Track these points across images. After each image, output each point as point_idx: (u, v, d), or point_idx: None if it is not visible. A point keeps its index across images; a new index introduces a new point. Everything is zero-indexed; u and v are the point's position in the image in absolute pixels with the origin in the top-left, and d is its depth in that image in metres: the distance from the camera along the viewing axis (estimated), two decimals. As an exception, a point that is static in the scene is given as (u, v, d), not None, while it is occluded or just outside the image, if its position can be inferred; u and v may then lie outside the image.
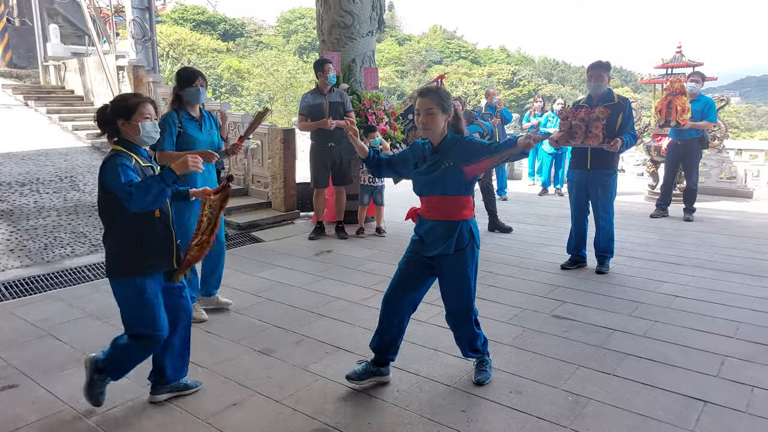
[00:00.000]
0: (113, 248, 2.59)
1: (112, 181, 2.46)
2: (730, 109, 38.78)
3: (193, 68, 3.94)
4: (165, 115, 3.76)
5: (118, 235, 2.57)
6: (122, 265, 2.58)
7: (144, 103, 2.58)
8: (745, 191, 8.90)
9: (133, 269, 2.56)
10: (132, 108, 2.54)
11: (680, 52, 8.83)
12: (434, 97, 2.73)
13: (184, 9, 47.23)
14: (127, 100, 2.58)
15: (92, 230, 5.96)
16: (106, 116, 2.59)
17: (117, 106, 2.57)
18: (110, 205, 2.52)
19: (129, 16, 10.50)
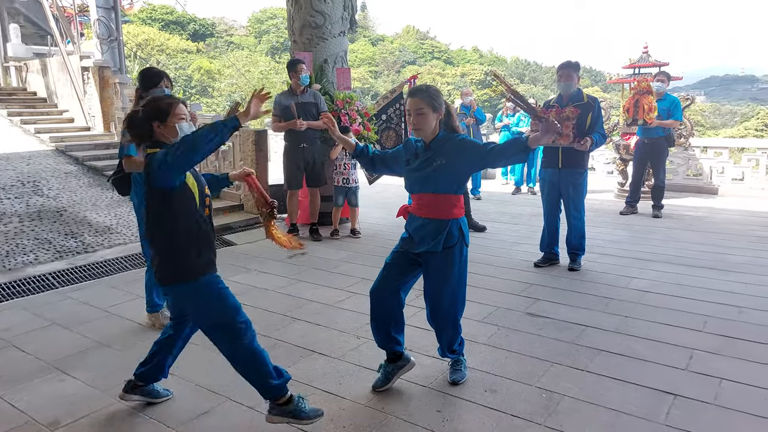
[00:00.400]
0: (178, 252, 2.44)
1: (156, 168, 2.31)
2: (696, 108, 39.78)
3: (156, 68, 3.80)
4: None
5: (182, 237, 2.43)
6: (195, 266, 2.46)
7: (177, 104, 2.49)
8: (711, 188, 9.13)
9: (206, 267, 2.49)
10: (166, 109, 2.44)
11: (647, 52, 9.02)
12: (424, 96, 2.72)
13: (152, 8, 46.45)
14: (160, 102, 2.47)
15: (57, 236, 5.80)
16: (139, 121, 2.46)
17: (151, 109, 2.45)
18: (169, 209, 2.39)
19: (94, 15, 10.28)
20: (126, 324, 3.91)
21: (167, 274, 2.46)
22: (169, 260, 2.45)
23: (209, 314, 2.50)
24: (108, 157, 8.57)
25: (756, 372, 3.04)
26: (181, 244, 2.42)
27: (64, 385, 3.04)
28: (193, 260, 2.45)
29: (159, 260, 2.46)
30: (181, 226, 2.41)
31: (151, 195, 2.40)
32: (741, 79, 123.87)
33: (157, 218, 2.42)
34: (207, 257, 2.51)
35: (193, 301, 2.51)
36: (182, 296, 2.52)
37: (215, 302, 2.49)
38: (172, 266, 2.45)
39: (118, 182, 3.73)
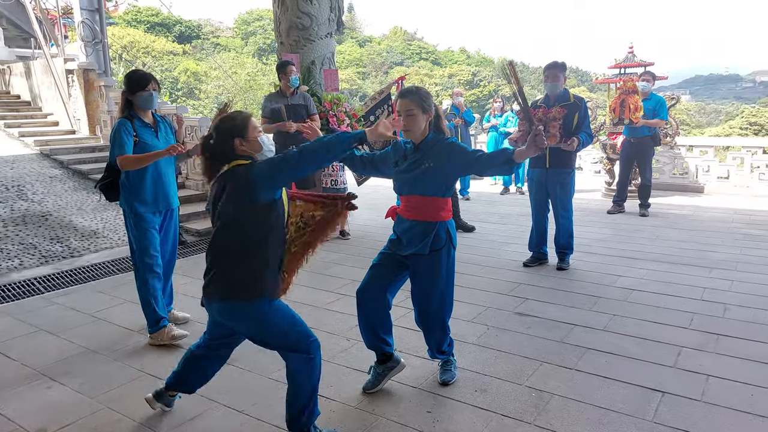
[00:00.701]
0: (261, 267, 2.32)
1: (266, 181, 2.25)
2: (681, 107, 40.25)
3: (143, 71, 3.69)
4: (118, 123, 3.51)
5: (272, 252, 2.35)
6: (276, 284, 2.38)
7: (251, 117, 2.42)
8: (696, 186, 9.22)
9: (276, 290, 2.40)
10: (244, 125, 2.35)
11: (632, 52, 9.09)
12: (414, 98, 2.72)
13: (137, 10, 46.08)
14: (234, 118, 2.38)
15: (42, 241, 5.73)
16: (218, 141, 2.35)
17: (229, 127, 2.35)
18: (262, 221, 2.30)
19: (78, 17, 10.17)
20: (113, 329, 3.87)
21: (246, 289, 2.30)
22: (254, 275, 2.31)
23: (285, 336, 2.38)
24: (93, 161, 8.49)
25: (742, 368, 3.08)
26: (269, 260, 2.34)
27: (51, 392, 3.01)
28: (276, 277, 2.38)
29: (238, 275, 2.31)
30: (272, 241, 2.34)
31: (243, 207, 2.28)
32: (725, 78, 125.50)
33: (249, 231, 2.30)
34: (279, 281, 2.44)
35: (270, 323, 2.36)
36: (252, 314, 2.34)
37: (290, 325, 2.40)
38: (254, 282, 2.31)
39: (106, 188, 3.64)
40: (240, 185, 2.27)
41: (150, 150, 3.53)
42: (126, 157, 3.42)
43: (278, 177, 2.26)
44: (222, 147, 2.35)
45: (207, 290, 2.38)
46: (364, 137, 2.37)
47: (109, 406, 2.84)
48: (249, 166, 2.30)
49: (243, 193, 2.26)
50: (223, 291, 2.33)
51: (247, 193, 2.26)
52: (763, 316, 3.80)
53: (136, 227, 3.59)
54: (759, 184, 8.81)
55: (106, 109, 9.41)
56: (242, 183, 2.27)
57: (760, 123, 36.97)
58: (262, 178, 2.24)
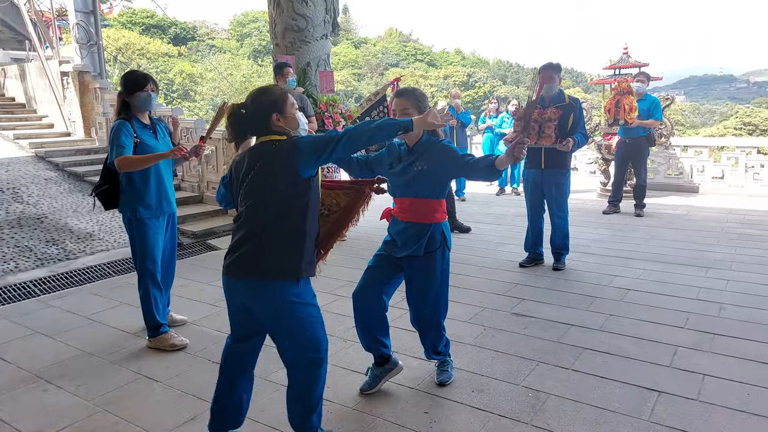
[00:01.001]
0: (300, 244, 2.21)
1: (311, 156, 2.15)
2: (676, 108, 40.41)
3: (142, 72, 3.62)
4: (116, 124, 3.42)
5: (308, 229, 2.24)
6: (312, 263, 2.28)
7: (288, 93, 2.32)
8: (691, 186, 9.26)
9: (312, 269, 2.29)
10: (282, 99, 2.26)
11: (626, 53, 9.14)
12: (410, 97, 2.74)
13: (132, 12, 45.99)
14: (273, 92, 2.28)
15: (37, 244, 5.71)
16: (253, 115, 2.24)
17: (266, 102, 2.24)
18: (302, 197, 2.20)
19: (72, 19, 10.14)
20: (110, 331, 3.86)
21: (284, 267, 2.19)
22: (293, 252, 2.20)
23: (312, 330, 2.28)
24: (89, 163, 8.47)
25: (737, 367, 3.09)
26: (307, 238, 2.24)
27: (48, 395, 2.99)
28: (312, 256, 2.28)
29: (274, 252, 2.18)
30: (310, 217, 2.25)
31: (284, 182, 2.17)
32: (719, 78, 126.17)
33: (288, 206, 2.19)
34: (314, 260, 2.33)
35: (286, 300, 2.21)
36: (283, 295, 2.21)
37: (316, 314, 2.30)
38: (292, 259, 2.20)
39: (103, 195, 3.53)
40: (282, 159, 2.17)
41: (151, 151, 3.45)
42: (126, 157, 3.30)
43: (323, 153, 2.17)
44: (256, 120, 2.25)
45: (233, 269, 2.22)
46: (410, 126, 2.28)
47: (105, 409, 2.83)
48: (293, 141, 2.20)
49: (285, 167, 2.16)
50: (257, 269, 2.18)
51: (290, 168, 2.16)
52: (758, 316, 3.82)
53: (139, 232, 3.50)
54: (753, 184, 8.85)
55: (101, 111, 9.39)
56: (285, 157, 2.16)
57: (755, 123, 37.18)
58: (307, 153, 2.16)
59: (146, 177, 3.47)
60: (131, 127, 3.41)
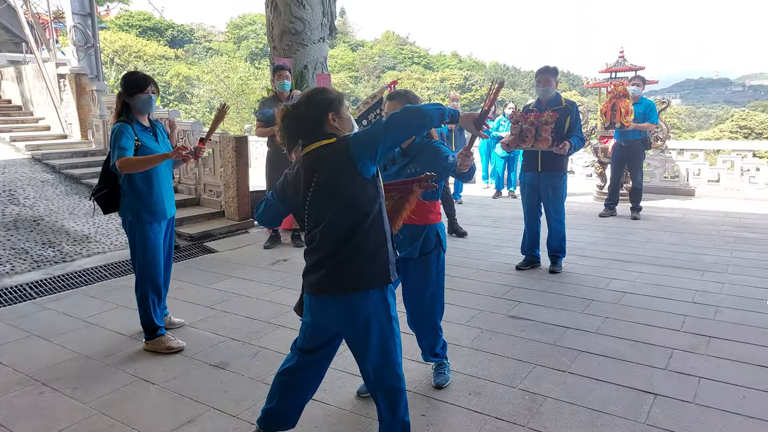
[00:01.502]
0: (383, 245, 2.11)
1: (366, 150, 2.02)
2: (672, 111, 40.55)
3: (143, 73, 3.57)
4: (117, 126, 3.37)
5: (386, 227, 2.14)
6: (389, 268, 2.15)
7: (342, 94, 2.24)
8: (687, 189, 9.30)
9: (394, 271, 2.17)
10: (340, 100, 2.17)
11: (623, 56, 9.16)
12: (403, 100, 2.74)
13: (129, 15, 45.97)
14: (331, 92, 2.19)
15: (34, 246, 5.70)
16: (312, 114, 2.11)
17: (325, 99, 2.14)
18: (373, 195, 2.09)
19: (69, 22, 10.13)
20: (106, 334, 3.85)
21: (378, 274, 2.09)
22: (380, 256, 2.09)
23: (390, 330, 2.16)
24: (85, 165, 8.45)
25: (733, 370, 3.10)
26: (387, 236, 2.13)
27: (44, 398, 2.99)
28: (390, 260, 2.15)
29: (364, 260, 2.08)
30: (384, 214, 2.13)
31: (352, 185, 2.05)
32: (715, 82, 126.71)
33: (365, 209, 2.07)
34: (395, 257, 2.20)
35: (377, 311, 2.12)
36: (364, 306, 2.11)
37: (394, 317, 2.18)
38: (382, 264, 2.09)
39: (102, 199, 3.48)
40: (340, 164, 2.04)
41: (151, 153, 3.41)
42: (128, 159, 3.26)
43: (377, 145, 2.04)
44: (313, 121, 2.12)
45: (320, 287, 2.12)
46: (457, 116, 2.20)
47: (102, 412, 2.82)
48: (344, 140, 2.07)
49: (346, 171, 2.04)
50: (346, 283, 2.08)
51: (351, 171, 2.03)
52: (754, 319, 3.83)
53: (141, 236, 3.47)
54: (749, 187, 8.89)
55: (98, 113, 9.38)
56: (342, 160, 2.04)
57: (750, 126, 37.33)
58: (362, 149, 2.03)
59: (148, 180, 3.45)
60: (132, 130, 3.37)
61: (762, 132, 36.28)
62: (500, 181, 9.87)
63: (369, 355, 2.17)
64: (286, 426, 2.39)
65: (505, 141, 5.22)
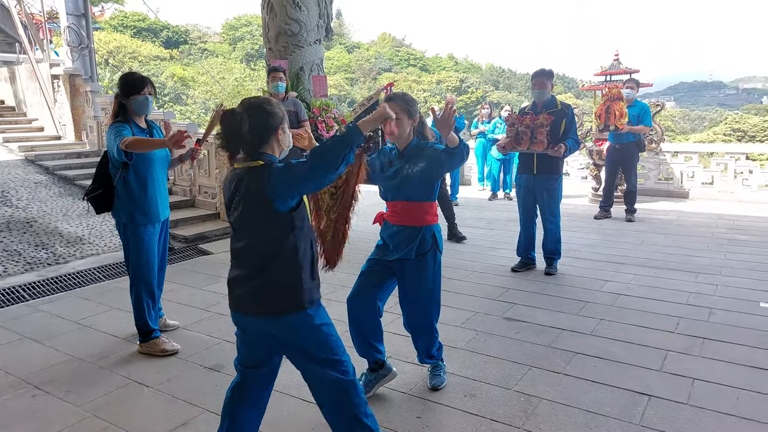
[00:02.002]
0: (293, 276, 2.10)
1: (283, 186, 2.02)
2: (666, 114, 40.76)
3: (140, 74, 3.55)
4: (115, 126, 3.34)
5: (300, 255, 2.12)
6: (312, 292, 2.15)
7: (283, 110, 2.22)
8: (681, 192, 9.34)
9: (316, 292, 2.19)
10: (282, 115, 2.18)
11: (617, 59, 9.20)
12: (400, 102, 2.76)
13: (123, 16, 45.86)
14: (274, 105, 2.17)
15: (27, 248, 5.66)
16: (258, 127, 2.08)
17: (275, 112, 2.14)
18: (287, 225, 2.07)
19: (64, 22, 10.09)
20: (100, 336, 3.83)
21: (279, 302, 2.09)
22: (284, 286, 2.10)
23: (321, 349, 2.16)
24: (79, 166, 8.42)
25: (727, 371, 3.12)
26: (302, 271, 2.12)
27: (36, 401, 2.97)
28: (309, 284, 2.15)
29: (274, 286, 2.09)
30: (301, 242, 2.11)
31: (264, 215, 2.05)
32: (709, 85, 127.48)
33: (274, 237, 2.08)
34: (317, 281, 2.22)
35: (304, 333, 2.14)
36: (290, 328, 2.12)
37: (332, 338, 2.19)
38: (286, 292, 2.10)
39: (96, 199, 3.47)
40: (258, 194, 2.03)
41: (150, 156, 3.41)
42: (132, 138, 3.22)
43: (297, 188, 2.04)
44: (259, 131, 2.08)
45: (240, 307, 2.15)
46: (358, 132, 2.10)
47: (95, 415, 2.81)
48: (264, 171, 2.03)
49: (262, 202, 2.03)
50: (262, 308, 2.10)
51: (267, 202, 2.03)
52: (747, 320, 3.85)
53: (135, 238, 3.46)
54: (742, 190, 8.93)
55: (92, 114, 9.34)
56: (260, 192, 2.02)
57: (743, 129, 37.54)
58: (282, 188, 2.02)
59: (143, 182, 3.44)
60: (130, 130, 3.37)
61: (755, 135, 36.51)
62: (496, 184, 9.89)
63: (300, 367, 2.21)
64: None
65: (500, 143, 5.24)
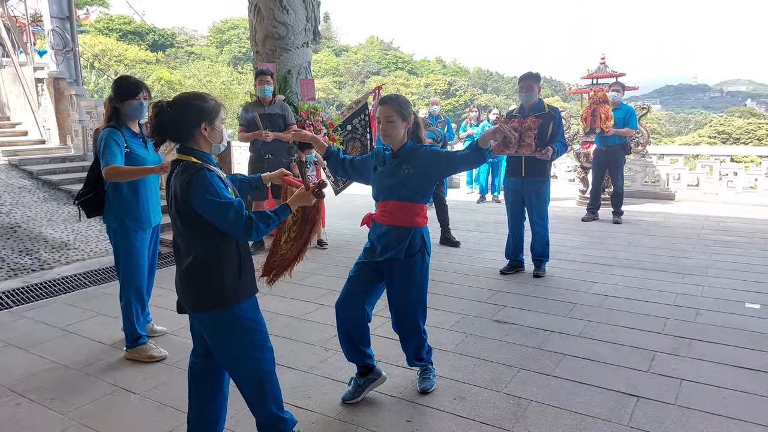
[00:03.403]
0: (215, 274, 2.16)
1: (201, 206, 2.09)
2: (652, 116, 41.18)
3: (135, 78, 3.49)
4: (107, 132, 3.29)
5: (220, 256, 2.17)
6: (236, 289, 2.20)
7: (221, 105, 2.27)
8: (667, 193, 9.44)
9: (248, 288, 2.26)
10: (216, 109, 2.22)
11: (604, 63, 9.29)
12: (394, 105, 2.77)
13: (109, 19, 45.49)
14: (208, 99, 2.21)
15: (10, 254, 5.58)
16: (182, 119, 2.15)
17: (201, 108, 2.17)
18: (205, 229, 2.14)
19: (48, 25, 9.98)
20: (85, 343, 3.78)
21: (203, 298, 2.18)
22: (208, 283, 2.16)
23: (246, 353, 2.26)
24: (64, 171, 8.32)
25: (714, 372, 3.14)
26: (223, 268, 2.18)
27: (21, 409, 2.92)
28: (232, 282, 2.20)
29: (195, 283, 2.18)
30: (223, 244, 2.18)
31: (186, 214, 2.13)
32: (694, 88, 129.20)
33: (194, 238, 2.16)
34: (247, 277, 2.28)
35: (226, 331, 2.22)
36: (214, 324, 2.22)
37: (248, 333, 2.25)
38: (209, 290, 2.17)
39: (86, 203, 3.42)
40: (181, 194, 2.10)
41: (141, 162, 3.36)
42: (116, 167, 3.20)
43: (205, 212, 2.10)
44: (182, 125, 2.14)
45: (179, 297, 2.29)
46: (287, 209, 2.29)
47: (81, 422, 2.76)
48: (190, 175, 2.08)
49: (184, 203, 2.10)
50: (189, 303, 2.22)
51: (188, 205, 2.10)
52: (734, 321, 3.89)
53: (125, 244, 3.42)
54: (727, 191, 9.05)
55: (77, 118, 9.24)
56: (183, 194, 2.09)
57: (728, 132, 38.05)
58: (196, 200, 2.08)
59: (134, 187, 3.40)
60: (122, 136, 3.32)
61: (739, 137, 37.02)
62: (484, 186, 9.92)
63: (222, 360, 2.30)
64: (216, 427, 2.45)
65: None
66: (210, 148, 2.23)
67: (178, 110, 2.14)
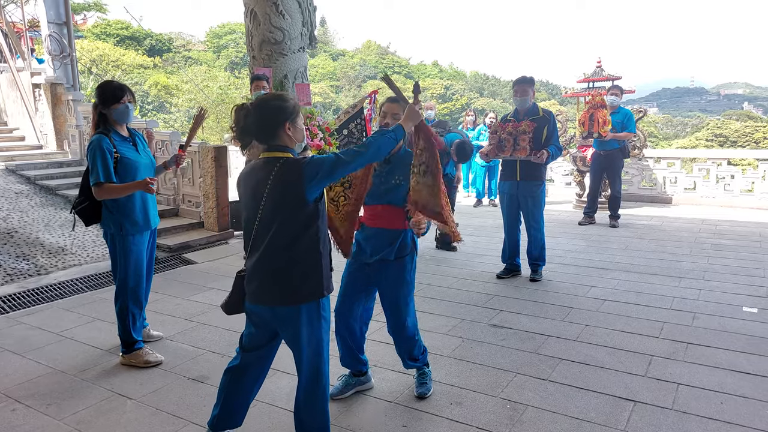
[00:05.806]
0: (319, 262, 2.22)
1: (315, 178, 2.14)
2: (648, 120, 41.29)
3: (118, 82, 3.46)
4: (94, 141, 3.28)
5: (322, 244, 2.24)
6: (329, 281, 2.28)
7: (299, 105, 2.32)
8: (664, 197, 9.45)
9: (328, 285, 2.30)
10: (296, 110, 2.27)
11: (600, 66, 9.31)
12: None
13: (106, 24, 45.44)
14: (289, 100, 2.25)
15: (7, 259, 5.57)
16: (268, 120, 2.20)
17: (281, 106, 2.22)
18: (312, 215, 2.20)
19: (45, 31, 9.97)
20: (82, 348, 3.77)
21: (311, 290, 2.21)
22: (315, 273, 2.21)
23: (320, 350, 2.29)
24: (62, 176, 8.30)
25: (711, 376, 3.14)
26: (323, 253, 2.24)
27: (16, 415, 2.90)
28: (327, 274, 2.27)
29: (299, 274, 2.19)
30: (322, 231, 2.24)
31: (295, 206, 2.16)
32: (691, 91, 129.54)
33: (302, 228, 2.18)
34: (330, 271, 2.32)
35: (307, 323, 2.23)
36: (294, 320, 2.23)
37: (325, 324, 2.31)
38: (316, 280, 2.21)
39: (83, 211, 3.41)
40: (290, 183, 2.13)
41: (134, 165, 3.37)
42: (103, 187, 3.22)
43: (327, 179, 2.17)
44: (267, 125, 2.19)
45: (257, 297, 2.24)
46: (402, 132, 2.37)
47: (77, 428, 2.75)
48: (299, 164, 2.14)
49: (294, 191, 2.13)
50: (281, 296, 2.20)
51: (298, 192, 2.13)
52: (730, 324, 3.89)
53: (123, 249, 3.41)
54: (724, 195, 9.07)
55: (74, 123, 9.23)
56: (292, 180, 2.13)
57: (725, 135, 38.19)
58: (312, 181, 2.13)
59: (132, 193, 3.39)
60: (110, 142, 3.30)
61: (736, 140, 37.15)
62: (481, 190, 9.93)
63: (303, 356, 2.30)
64: (232, 425, 2.48)
65: (483, 151, 5.26)
66: (295, 145, 2.27)
67: (262, 111, 2.19)
